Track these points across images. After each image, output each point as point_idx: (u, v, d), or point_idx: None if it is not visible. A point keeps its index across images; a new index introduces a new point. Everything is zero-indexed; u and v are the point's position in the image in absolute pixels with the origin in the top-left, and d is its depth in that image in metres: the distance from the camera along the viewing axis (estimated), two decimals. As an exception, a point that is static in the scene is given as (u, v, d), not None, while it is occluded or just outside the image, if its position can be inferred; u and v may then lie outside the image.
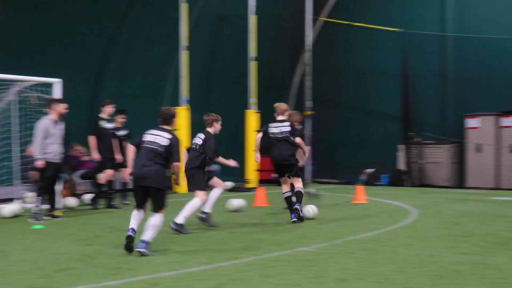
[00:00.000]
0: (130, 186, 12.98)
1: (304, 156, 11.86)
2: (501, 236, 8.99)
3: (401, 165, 20.72)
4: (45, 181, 11.20)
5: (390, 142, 21.22)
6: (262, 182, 20.12)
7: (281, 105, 11.52)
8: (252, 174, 19.55)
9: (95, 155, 13.17)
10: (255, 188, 18.34)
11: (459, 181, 20.02)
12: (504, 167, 18.81)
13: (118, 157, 13.46)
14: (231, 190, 18.27)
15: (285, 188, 10.93)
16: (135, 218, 7.80)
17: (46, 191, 11.28)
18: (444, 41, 20.75)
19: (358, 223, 10.64)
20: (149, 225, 7.61)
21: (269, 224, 10.62)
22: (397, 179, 20.58)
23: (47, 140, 11.03)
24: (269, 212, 12.49)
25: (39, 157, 10.97)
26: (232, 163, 10.50)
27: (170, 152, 7.91)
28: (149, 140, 7.98)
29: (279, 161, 10.95)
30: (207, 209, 10.25)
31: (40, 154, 10.97)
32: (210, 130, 10.32)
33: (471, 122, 19.39)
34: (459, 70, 20.42)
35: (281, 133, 11.00)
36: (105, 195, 13.65)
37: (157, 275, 6.41)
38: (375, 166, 21.29)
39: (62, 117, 11.45)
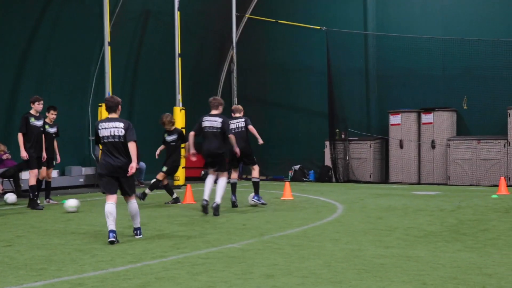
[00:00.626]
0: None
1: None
2: (422, 230, 9.30)
3: (328, 161, 21.08)
4: None
5: (316, 139, 21.58)
6: (189, 179, 20.09)
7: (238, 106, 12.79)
8: (179, 171, 19.42)
9: (23, 153, 12.77)
10: (184, 185, 18.29)
11: (383, 177, 20.57)
12: (425, 162, 19.46)
13: (45, 155, 13.26)
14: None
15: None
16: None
17: None
18: (366, 39, 21.25)
19: (286, 219, 10.77)
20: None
21: (197, 221, 10.61)
22: (324, 175, 20.93)
23: None
24: (197, 209, 12.47)
25: None
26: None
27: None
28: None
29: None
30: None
31: None
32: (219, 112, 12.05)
33: (394, 119, 19.94)
34: (382, 68, 20.96)
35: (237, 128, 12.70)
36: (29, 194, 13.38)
37: (83, 275, 6.30)
38: (302, 163, 21.61)
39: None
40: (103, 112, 17.27)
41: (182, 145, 14.56)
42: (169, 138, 13.93)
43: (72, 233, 9.29)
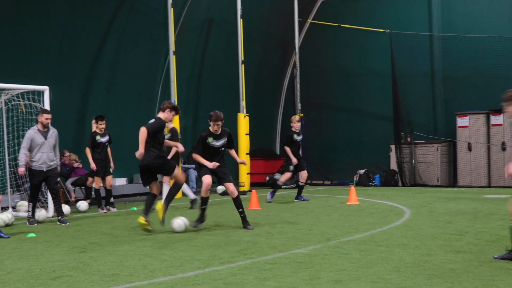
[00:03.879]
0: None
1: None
2: (494, 234, 9.07)
3: (393, 165, 20.80)
4: (32, 188, 11.80)
5: (382, 143, 21.32)
6: (253, 185, 20.19)
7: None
8: (245, 178, 19.57)
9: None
10: (249, 191, 18.39)
11: (451, 180, 20.14)
12: (495, 165, 18.94)
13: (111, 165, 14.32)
14: (223, 194, 18.28)
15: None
16: None
17: (34, 198, 11.87)
18: (431, 40, 20.88)
19: (352, 224, 10.70)
20: None
21: (263, 226, 10.65)
22: (390, 180, 20.66)
23: (32, 149, 11.58)
24: (262, 215, 12.52)
25: (21, 163, 11.50)
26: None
27: None
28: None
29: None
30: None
31: (22, 161, 11.50)
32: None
33: (461, 121, 19.51)
34: (448, 69, 20.53)
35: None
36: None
37: (153, 281, 6.43)
38: (367, 167, 21.39)
39: (46, 127, 11.81)
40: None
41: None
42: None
43: (141, 239, 9.49)
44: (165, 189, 13.50)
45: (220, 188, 18.49)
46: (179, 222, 10.20)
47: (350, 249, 8.02)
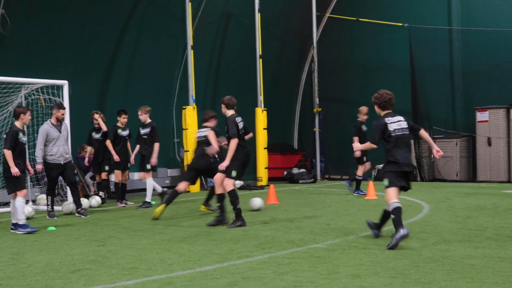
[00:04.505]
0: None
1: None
2: (514, 229, 8.99)
3: (412, 160, 20.67)
4: (51, 181, 11.94)
5: (399, 137, 21.18)
6: (271, 179, 20.19)
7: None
8: (262, 172, 19.58)
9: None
10: (267, 185, 18.40)
11: (470, 175, 19.99)
12: (515, 160, 18.77)
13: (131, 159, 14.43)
14: (241, 188, 18.30)
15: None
16: None
17: (52, 191, 12.09)
18: (451, 35, 20.71)
19: (371, 219, 10.64)
20: None
21: (281, 221, 10.65)
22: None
23: (48, 143, 11.69)
24: (280, 210, 12.52)
25: (39, 160, 11.65)
26: None
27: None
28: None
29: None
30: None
31: (39, 158, 11.65)
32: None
33: (481, 116, 19.34)
34: (467, 63, 20.36)
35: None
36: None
37: (172, 274, 6.46)
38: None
39: (59, 121, 11.94)
40: (187, 115, 17.64)
41: None
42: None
43: (159, 233, 9.53)
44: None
45: (238, 183, 18.50)
46: (258, 201, 12.22)
47: (368, 244, 7.99)
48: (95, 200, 13.86)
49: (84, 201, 13.09)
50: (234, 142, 10.06)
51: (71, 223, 11.06)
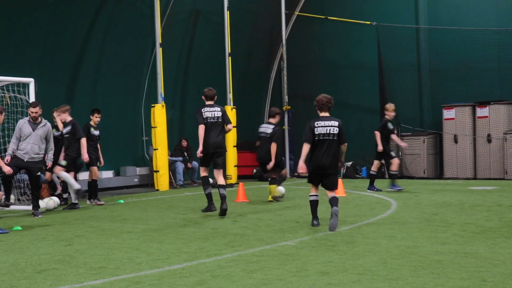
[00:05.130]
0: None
1: None
2: (479, 226, 9.12)
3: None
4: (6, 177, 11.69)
5: (368, 135, 21.30)
6: (240, 177, 20.19)
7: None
8: (232, 170, 19.57)
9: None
10: (236, 183, 18.39)
11: (437, 172, 20.23)
12: (481, 157, 19.04)
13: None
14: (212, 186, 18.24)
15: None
16: None
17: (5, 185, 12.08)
18: (418, 33, 20.92)
19: (339, 217, 10.69)
20: None
21: (250, 219, 10.65)
22: (377, 172, 20.65)
23: (21, 138, 11.57)
24: (249, 207, 12.53)
25: (8, 153, 11.68)
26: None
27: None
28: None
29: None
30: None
31: (9, 150, 11.68)
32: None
33: (448, 113, 19.58)
34: (434, 62, 20.59)
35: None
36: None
37: (140, 273, 6.41)
38: (354, 159, 21.41)
39: (36, 119, 11.76)
40: (156, 113, 17.53)
41: None
42: None
43: (128, 232, 9.46)
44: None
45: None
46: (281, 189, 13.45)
47: (337, 241, 8.04)
48: (53, 201, 13.05)
49: (55, 199, 12.94)
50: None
51: (37, 223, 10.91)
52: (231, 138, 19.38)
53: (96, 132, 14.07)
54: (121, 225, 10.30)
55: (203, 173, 11.32)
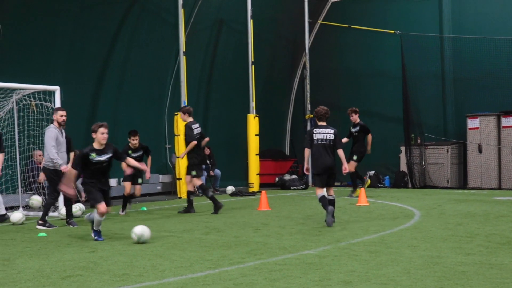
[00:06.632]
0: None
1: None
2: (504, 236, 9.03)
3: (403, 166, 20.74)
4: (55, 186, 11.27)
5: (391, 144, 21.25)
6: (262, 186, 20.20)
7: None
8: (254, 178, 19.59)
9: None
10: (258, 192, 18.40)
11: (461, 182, 20.06)
12: (505, 167, 18.86)
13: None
14: (232, 194, 18.31)
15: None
16: None
17: (57, 198, 11.86)
18: (442, 42, 20.82)
19: (362, 226, 10.68)
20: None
21: (273, 227, 10.65)
22: (400, 181, 20.60)
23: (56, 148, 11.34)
24: (272, 216, 12.53)
25: (60, 162, 11.24)
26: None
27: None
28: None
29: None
30: None
31: (60, 161, 11.26)
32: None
33: (472, 123, 19.43)
34: (458, 71, 20.48)
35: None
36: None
37: (164, 281, 6.44)
38: (377, 168, 21.32)
39: (62, 125, 11.62)
40: (179, 121, 17.64)
41: None
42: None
43: (152, 239, 9.50)
44: None
45: (230, 189, 18.52)
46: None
47: (359, 251, 8.01)
48: (79, 207, 13.07)
49: (80, 205, 13.02)
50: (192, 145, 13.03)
51: (62, 230, 11.02)
52: (253, 146, 19.41)
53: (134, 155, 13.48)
54: (144, 232, 10.34)
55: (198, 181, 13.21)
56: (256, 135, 19.50)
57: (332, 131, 10.99)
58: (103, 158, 9.63)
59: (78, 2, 16.70)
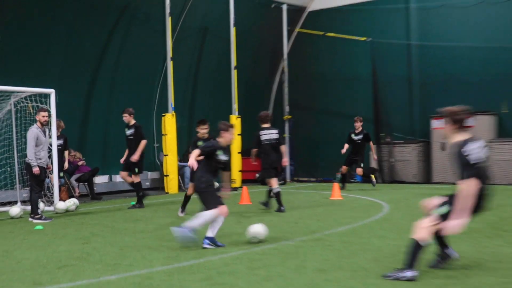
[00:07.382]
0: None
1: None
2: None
3: (373, 163, 20.85)
4: (40, 184, 11.51)
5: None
6: (244, 181, 20.20)
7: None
8: (236, 175, 19.60)
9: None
10: (240, 187, 18.42)
11: (426, 177, 20.25)
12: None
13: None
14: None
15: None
16: None
17: (41, 193, 11.81)
18: (409, 49, 20.97)
19: (335, 218, 10.76)
20: None
21: (253, 220, 10.69)
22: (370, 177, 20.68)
23: (37, 147, 11.32)
24: (253, 209, 12.57)
25: (34, 163, 11.20)
26: None
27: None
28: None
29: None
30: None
31: (34, 161, 11.23)
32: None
33: (436, 123, 19.62)
34: (424, 75, 20.63)
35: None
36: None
37: (152, 270, 6.47)
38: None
39: (45, 125, 11.59)
40: (166, 121, 17.63)
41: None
42: None
43: (141, 231, 9.52)
44: None
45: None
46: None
47: (333, 241, 8.08)
48: (73, 202, 12.90)
49: (74, 200, 12.97)
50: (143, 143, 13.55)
51: (57, 223, 10.97)
52: (236, 145, 19.41)
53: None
54: (133, 225, 10.35)
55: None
56: (238, 134, 19.51)
57: (275, 131, 11.97)
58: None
59: (72, 10, 16.58)
